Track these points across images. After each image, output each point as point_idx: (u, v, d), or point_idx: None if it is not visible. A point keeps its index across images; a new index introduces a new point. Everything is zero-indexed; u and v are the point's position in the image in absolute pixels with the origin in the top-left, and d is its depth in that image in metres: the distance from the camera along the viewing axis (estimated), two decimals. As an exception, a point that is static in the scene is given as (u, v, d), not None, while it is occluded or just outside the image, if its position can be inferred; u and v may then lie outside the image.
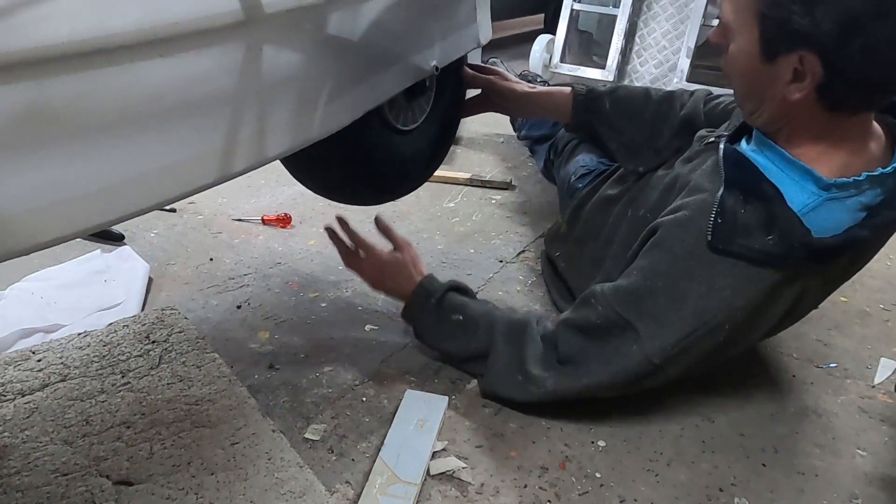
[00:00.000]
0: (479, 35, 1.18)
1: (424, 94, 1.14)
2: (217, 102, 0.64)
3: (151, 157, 0.59)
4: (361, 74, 0.85)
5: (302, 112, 0.76)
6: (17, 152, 0.49)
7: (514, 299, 1.28)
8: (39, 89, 0.48)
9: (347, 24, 0.79)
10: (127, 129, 0.56)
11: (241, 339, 1.14)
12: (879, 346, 1.18)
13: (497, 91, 1.26)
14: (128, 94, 0.54)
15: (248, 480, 0.83)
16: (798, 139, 0.84)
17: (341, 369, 1.06)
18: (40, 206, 0.52)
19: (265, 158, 0.72)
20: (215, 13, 0.59)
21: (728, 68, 0.88)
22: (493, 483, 0.86)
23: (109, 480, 0.82)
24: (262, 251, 1.44)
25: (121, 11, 0.51)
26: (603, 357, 0.89)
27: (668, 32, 2.64)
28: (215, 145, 0.65)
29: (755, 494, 0.85)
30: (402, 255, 1.09)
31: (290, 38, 0.70)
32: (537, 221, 1.62)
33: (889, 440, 0.96)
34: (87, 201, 0.55)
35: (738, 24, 0.82)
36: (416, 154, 1.18)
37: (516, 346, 0.95)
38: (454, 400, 0.99)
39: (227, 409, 0.94)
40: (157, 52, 0.54)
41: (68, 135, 0.52)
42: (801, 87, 0.79)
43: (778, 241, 0.80)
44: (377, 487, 0.82)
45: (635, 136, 1.20)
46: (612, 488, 0.86)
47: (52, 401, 0.95)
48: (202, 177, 0.65)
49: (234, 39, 0.63)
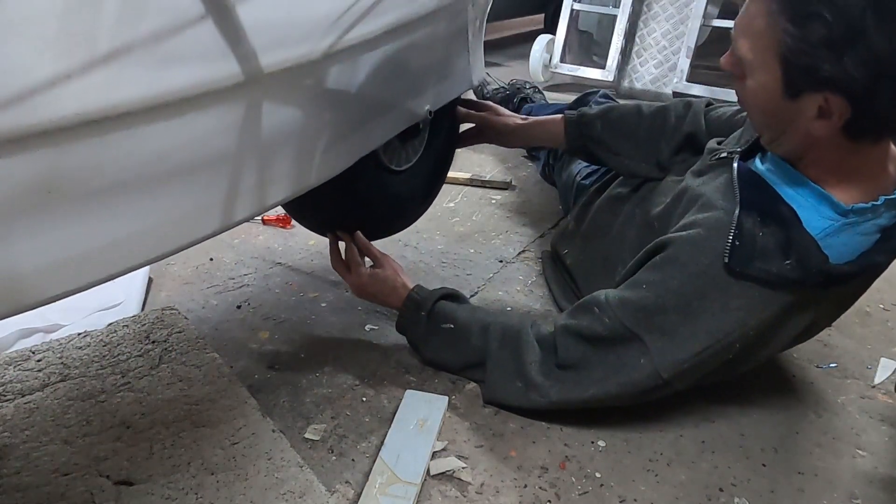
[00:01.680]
0: (472, 77, 1.20)
1: (418, 136, 1.17)
2: (218, 159, 0.66)
3: (156, 213, 0.61)
4: (357, 123, 0.88)
5: (300, 162, 0.78)
6: (30, 216, 0.51)
7: (514, 299, 1.28)
8: (51, 158, 0.50)
9: (343, 77, 0.81)
10: (133, 189, 0.58)
11: (241, 339, 1.14)
12: (879, 346, 1.17)
13: (490, 126, 1.28)
14: (132, 157, 0.56)
15: (248, 480, 0.83)
16: (817, 165, 0.83)
17: (341, 369, 1.06)
18: (50, 264, 0.54)
19: (265, 207, 0.75)
20: (217, 77, 0.60)
21: (745, 100, 0.85)
22: (493, 483, 0.86)
23: (109, 480, 0.82)
24: (262, 251, 1.44)
25: (126, 85, 0.52)
26: (607, 366, 0.88)
27: (668, 32, 2.64)
28: (217, 198, 0.68)
29: (755, 494, 0.85)
30: (382, 271, 1.08)
31: (288, 94, 0.73)
32: (537, 221, 1.62)
33: (889, 440, 0.96)
34: (95, 257, 0.57)
35: (758, 63, 0.79)
36: (409, 193, 1.20)
37: (512, 351, 0.95)
38: (454, 400, 0.99)
39: (227, 409, 0.94)
40: (160, 116, 0.56)
41: (78, 197, 0.54)
42: (827, 125, 0.76)
43: (795, 266, 0.80)
44: (377, 487, 0.82)
45: (633, 154, 1.19)
46: (612, 488, 0.86)
47: (52, 401, 0.95)
48: (204, 228, 0.67)
49: (235, 99, 0.64)
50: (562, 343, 0.91)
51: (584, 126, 1.21)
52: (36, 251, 0.53)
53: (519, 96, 1.97)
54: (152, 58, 0.53)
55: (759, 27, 0.77)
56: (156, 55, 0.53)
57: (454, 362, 1.03)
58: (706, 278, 0.83)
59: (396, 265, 1.10)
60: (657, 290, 0.86)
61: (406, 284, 1.06)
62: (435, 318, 1.02)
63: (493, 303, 1.27)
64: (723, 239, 0.82)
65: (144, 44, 0.52)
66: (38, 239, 0.52)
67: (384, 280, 1.07)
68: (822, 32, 0.71)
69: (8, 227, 0.50)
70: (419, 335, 1.04)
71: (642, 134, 1.18)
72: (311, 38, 0.71)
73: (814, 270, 0.79)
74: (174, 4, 0.52)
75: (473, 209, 1.68)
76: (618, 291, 0.90)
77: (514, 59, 3.49)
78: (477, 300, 1.27)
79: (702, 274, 0.83)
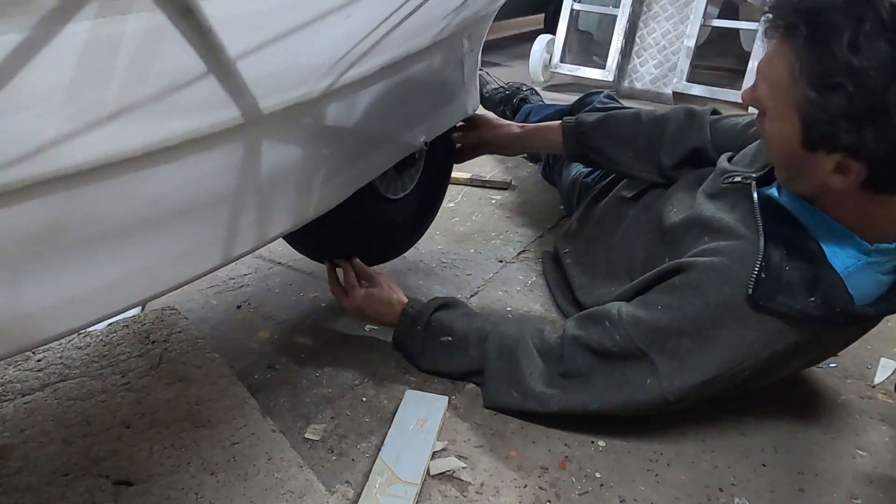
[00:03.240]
0: (467, 106, 1.22)
1: (414, 165, 1.18)
2: (219, 197, 0.67)
3: (158, 252, 0.63)
4: (354, 156, 0.89)
5: (299, 196, 0.80)
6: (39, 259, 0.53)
7: (514, 299, 1.28)
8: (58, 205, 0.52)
9: (341, 113, 0.82)
10: (136, 229, 0.60)
11: (241, 339, 1.14)
12: (879, 346, 1.17)
13: (489, 141, 1.29)
14: (135, 199, 0.58)
15: (248, 480, 0.83)
16: (835, 209, 0.81)
17: (341, 369, 1.06)
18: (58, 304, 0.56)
19: (265, 240, 0.77)
20: (217, 122, 0.61)
21: (764, 137, 0.83)
22: (493, 483, 0.86)
23: (109, 480, 0.82)
24: (262, 251, 1.44)
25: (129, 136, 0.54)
26: (612, 381, 0.88)
27: (668, 32, 2.64)
28: (218, 235, 0.69)
29: (755, 494, 0.85)
30: (377, 290, 1.07)
31: (287, 132, 0.74)
32: (537, 221, 1.62)
33: (889, 440, 0.96)
34: (100, 296, 0.59)
35: (777, 112, 0.77)
36: (405, 220, 1.22)
37: (510, 361, 0.94)
38: (454, 400, 0.99)
39: (227, 409, 0.94)
40: (161, 160, 0.57)
41: (83, 240, 0.56)
42: (845, 181, 0.74)
43: (820, 304, 0.78)
44: (377, 487, 0.82)
45: (632, 163, 1.18)
46: (612, 488, 0.86)
47: (52, 401, 0.95)
48: (205, 264, 0.69)
49: (235, 140, 0.65)
50: (569, 353, 0.91)
51: (582, 135, 1.20)
52: (44, 292, 0.54)
53: (518, 96, 1.97)
54: (156, 112, 0.54)
55: (781, 80, 0.75)
56: (159, 109, 0.54)
57: (453, 372, 1.02)
58: (725, 308, 0.82)
59: (391, 282, 1.09)
60: (673, 313, 0.85)
61: (401, 300, 1.05)
62: (432, 331, 1.01)
63: (493, 303, 1.27)
64: (747, 270, 0.81)
65: (148, 101, 0.53)
66: (47, 280, 0.54)
67: (379, 298, 1.06)
68: (843, 103, 0.69)
69: (18, 271, 0.52)
70: (416, 349, 1.03)
71: (641, 143, 1.16)
72: (310, 80, 0.71)
73: (838, 310, 0.78)
74: (177, 66, 0.53)
75: (473, 209, 1.68)
76: (631, 308, 0.89)
77: (514, 59, 3.49)
78: (477, 300, 1.28)
79: (722, 303, 0.82)
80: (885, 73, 0.66)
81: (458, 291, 1.30)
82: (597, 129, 1.19)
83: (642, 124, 1.17)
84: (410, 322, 1.03)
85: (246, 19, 0.55)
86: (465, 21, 1.04)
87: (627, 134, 1.18)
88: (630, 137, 1.17)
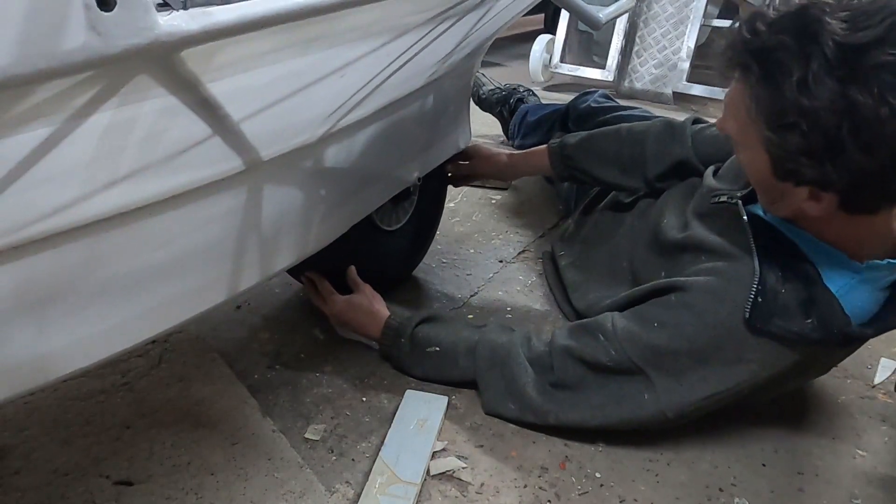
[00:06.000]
0: (459, 141, 1.26)
1: (409, 198, 1.22)
2: (223, 239, 0.72)
3: (167, 291, 0.67)
4: (351, 193, 0.93)
5: (299, 233, 0.84)
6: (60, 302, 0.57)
7: (514, 299, 1.28)
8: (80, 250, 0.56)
9: (338, 155, 0.86)
10: (150, 270, 0.64)
11: (241, 339, 1.14)
12: (879, 346, 1.17)
13: (481, 173, 1.32)
14: (148, 242, 0.62)
15: (248, 480, 0.83)
16: (821, 229, 0.81)
17: (341, 369, 1.06)
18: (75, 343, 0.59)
19: (267, 276, 0.81)
20: (219, 171, 0.64)
21: (741, 163, 0.83)
22: (493, 483, 0.86)
23: (109, 480, 0.82)
24: (262, 251, 1.44)
25: (139, 191, 0.57)
26: (607, 394, 0.88)
27: (668, 32, 2.64)
28: (223, 273, 0.74)
29: (755, 494, 0.85)
30: (358, 297, 1.07)
31: (287, 175, 0.78)
32: (537, 221, 1.62)
33: (889, 440, 0.96)
34: (113, 333, 0.63)
35: (747, 144, 0.78)
36: (401, 250, 1.26)
37: (502, 372, 0.94)
38: (454, 400, 0.99)
39: (227, 409, 0.94)
40: (171, 206, 0.62)
41: (102, 281, 0.60)
42: (819, 208, 0.75)
43: (817, 326, 0.78)
44: (377, 487, 0.82)
45: (619, 179, 1.18)
46: (612, 488, 0.86)
47: (52, 401, 0.95)
48: (211, 300, 0.73)
49: (237, 185, 0.69)
50: (559, 364, 0.90)
51: (567, 158, 1.21)
52: (66, 332, 0.58)
53: (515, 97, 1.96)
54: (166, 168, 0.58)
55: (743, 118, 0.75)
56: (169, 166, 0.58)
57: (445, 381, 1.02)
58: (722, 329, 0.82)
59: (374, 294, 1.09)
60: (669, 332, 0.85)
61: (382, 312, 1.05)
62: (418, 342, 1.01)
63: (492, 303, 1.27)
64: (743, 292, 0.80)
65: (159, 164, 0.57)
66: (69, 321, 0.58)
67: (359, 306, 1.06)
68: (799, 142, 0.69)
69: (45, 313, 0.56)
70: (404, 361, 1.03)
71: (625, 160, 1.16)
72: (308, 129, 0.74)
73: (835, 332, 0.78)
74: (187, 135, 0.56)
75: (473, 209, 1.68)
76: (625, 322, 0.89)
77: (514, 59, 3.48)
78: (477, 300, 1.27)
79: (718, 325, 0.82)
80: (835, 112, 0.66)
81: (458, 291, 1.30)
82: (579, 150, 1.19)
83: (623, 141, 1.16)
84: (394, 334, 1.02)
85: (249, 91, 0.58)
86: (454, 63, 1.07)
87: (610, 151, 1.17)
88: (614, 155, 1.17)
